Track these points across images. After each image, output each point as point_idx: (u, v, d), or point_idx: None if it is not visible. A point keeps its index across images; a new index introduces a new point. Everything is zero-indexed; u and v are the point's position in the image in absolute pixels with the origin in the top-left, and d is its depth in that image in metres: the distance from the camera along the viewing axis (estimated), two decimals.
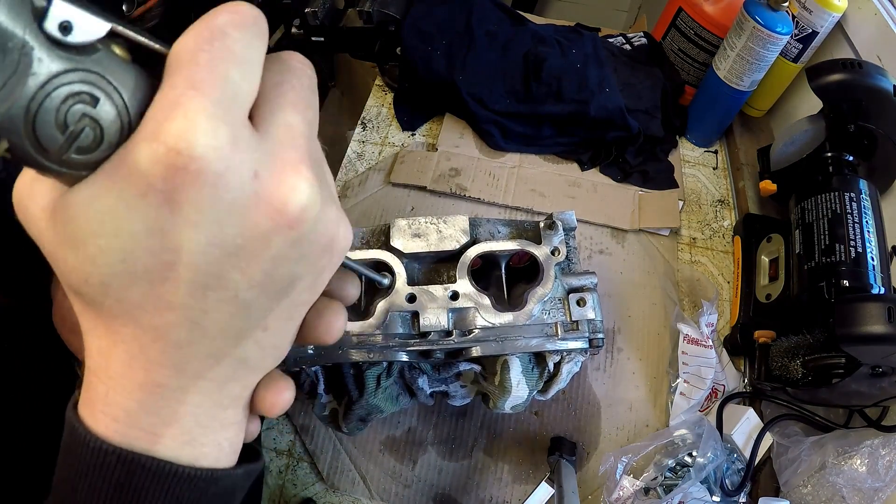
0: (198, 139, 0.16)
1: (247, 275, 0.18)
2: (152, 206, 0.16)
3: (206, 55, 0.17)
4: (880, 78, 0.59)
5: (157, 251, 0.17)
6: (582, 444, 0.59)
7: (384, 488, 0.57)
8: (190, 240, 0.17)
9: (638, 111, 0.79)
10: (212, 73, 0.16)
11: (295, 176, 0.18)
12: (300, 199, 0.18)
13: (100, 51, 0.17)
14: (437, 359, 0.49)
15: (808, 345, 0.54)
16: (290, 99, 0.19)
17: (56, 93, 0.16)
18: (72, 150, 0.17)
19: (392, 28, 0.82)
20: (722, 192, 0.80)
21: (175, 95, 0.16)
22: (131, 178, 0.16)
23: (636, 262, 0.72)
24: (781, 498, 0.54)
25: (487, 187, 0.76)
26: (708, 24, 0.77)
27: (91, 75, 0.16)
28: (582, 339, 0.48)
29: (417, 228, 0.50)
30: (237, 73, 0.17)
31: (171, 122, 0.16)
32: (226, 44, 0.17)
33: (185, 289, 0.18)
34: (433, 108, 0.84)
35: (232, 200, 0.17)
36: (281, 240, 0.18)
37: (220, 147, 0.16)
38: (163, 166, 0.16)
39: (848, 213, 0.56)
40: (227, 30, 0.17)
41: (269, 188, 0.17)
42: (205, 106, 0.16)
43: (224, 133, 0.16)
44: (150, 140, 0.16)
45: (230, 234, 0.17)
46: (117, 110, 0.17)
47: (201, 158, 0.16)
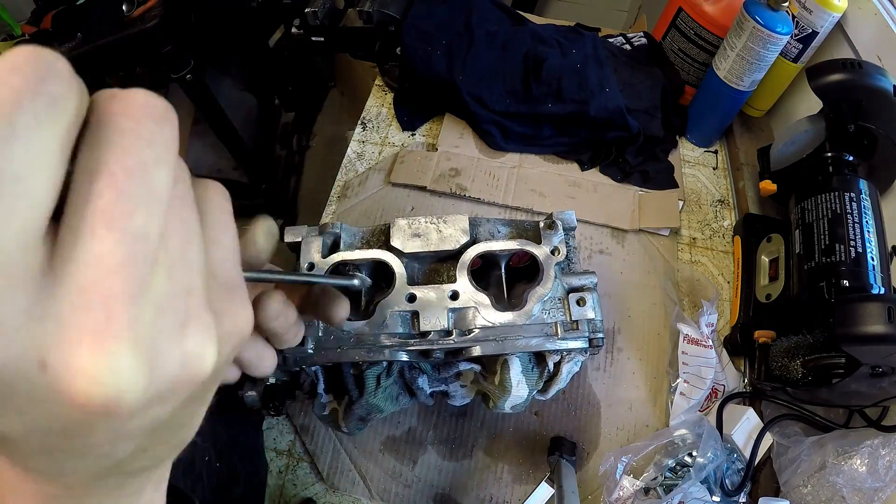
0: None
1: (92, 450, 0.15)
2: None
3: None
4: (880, 78, 0.59)
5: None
6: (582, 444, 0.59)
7: (384, 488, 0.57)
8: (12, 430, 0.14)
9: (638, 111, 0.79)
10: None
11: (95, 357, 0.13)
12: (103, 391, 0.13)
13: None
14: (437, 358, 0.49)
15: (808, 345, 0.54)
16: (107, 204, 0.13)
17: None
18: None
19: (392, 28, 0.82)
20: (722, 192, 0.80)
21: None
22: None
23: (636, 262, 0.72)
24: (781, 498, 0.54)
25: (487, 187, 0.76)
26: (708, 24, 0.77)
27: None
28: (582, 339, 0.48)
29: (417, 228, 0.50)
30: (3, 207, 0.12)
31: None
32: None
33: (38, 456, 0.15)
34: (433, 108, 0.84)
35: (27, 396, 0.13)
36: (108, 426, 0.14)
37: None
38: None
39: (848, 213, 0.56)
40: None
41: (61, 381, 0.13)
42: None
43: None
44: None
45: (46, 423, 0.14)
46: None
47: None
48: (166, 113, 0.14)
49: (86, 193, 0.13)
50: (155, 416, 0.15)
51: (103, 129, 0.13)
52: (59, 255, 0.13)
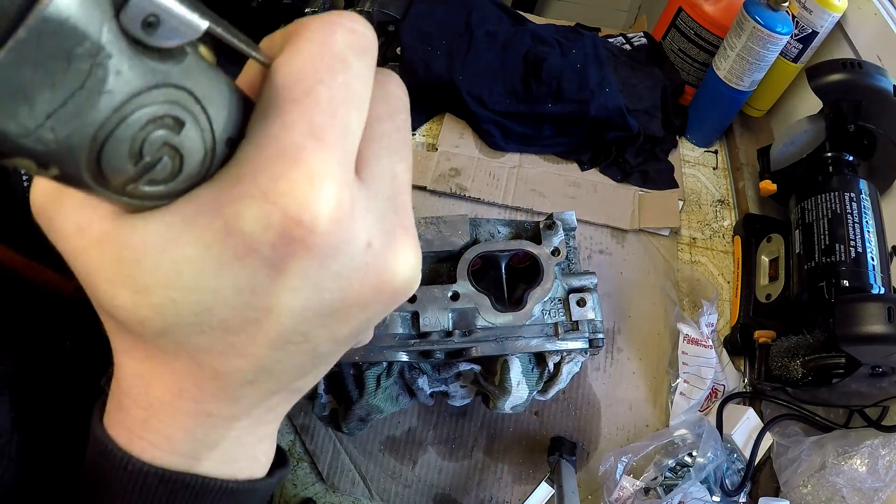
0: (323, 210, 0.14)
1: (333, 332, 0.17)
2: (249, 268, 0.14)
3: (326, 92, 0.14)
4: (880, 78, 0.59)
5: (242, 309, 0.15)
6: (582, 444, 0.59)
7: (384, 488, 0.57)
8: (285, 304, 0.15)
9: (638, 111, 0.79)
10: (334, 118, 0.14)
11: (405, 247, 0.17)
12: (407, 272, 0.17)
13: (188, 56, 0.13)
14: (437, 359, 0.49)
15: (808, 345, 0.54)
16: (395, 142, 0.17)
17: (134, 117, 0.12)
18: (141, 182, 0.13)
19: (392, 28, 0.82)
20: (722, 192, 0.80)
21: (293, 143, 0.13)
22: (229, 237, 0.14)
23: (636, 262, 0.72)
24: (781, 498, 0.54)
25: (487, 187, 0.76)
26: (708, 24, 0.77)
27: (178, 92, 0.13)
28: (582, 340, 0.48)
29: (417, 228, 0.50)
30: (356, 118, 0.15)
31: (290, 183, 0.13)
32: (348, 79, 0.14)
33: (265, 343, 0.16)
34: (433, 108, 0.84)
35: (340, 269, 0.15)
36: (378, 306, 0.17)
37: (343, 218, 0.14)
38: (276, 234, 0.14)
39: (848, 213, 0.56)
40: (348, 58, 0.15)
41: (380, 260, 0.16)
42: (331, 166, 0.14)
43: (348, 201, 0.14)
44: (261, 200, 0.13)
45: (329, 299, 0.16)
46: (203, 137, 0.14)
47: (324, 233, 0.14)
48: (406, 93, 0.19)
49: (380, 130, 0.17)
50: (382, 314, 0.18)
51: (385, 90, 0.17)
52: (368, 170, 0.16)
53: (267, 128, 0.14)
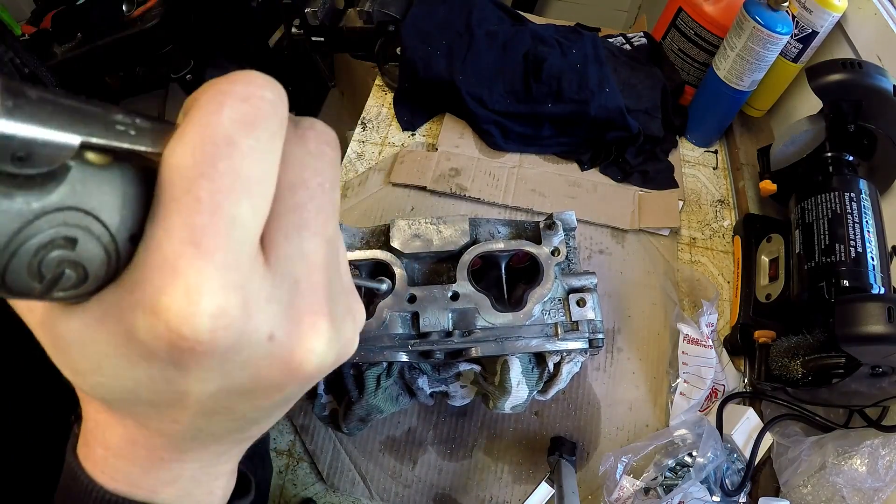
0: (202, 321, 0.13)
1: (255, 406, 0.18)
2: (156, 366, 0.15)
3: (207, 186, 0.13)
4: (880, 78, 0.59)
5: (161, 393, 0.16)
6: (582, 444, 0.59)
7: (384, 488, 0.57)
8: (198, 390, 0.16)
9: (638, 111, 0.79)
10: (215, 217, 0.13)
11: (312, 335, 0.16)
12: (315, 360, 0.17)
13: (70, 170, 0.13)
14: (437, 359, 0.49)
15: (808, 345, 0.54)
16: (309, 215, 0.16)
17: (22, 250, 0.12)
18: (52, 293, 0.14)
19: (392, 28, 0.82)
20: (722, 192, 0.80)
21: (172, 253, 0.13)
22: (131, 341, 0.14)
23: (636, 262, 0.72)
24: (781, 498, 0.54)
25: (487, 187, 0.76)
26: (708, 24, 0.77)
27: (63, 214, 0.13)
28: (582, 340, 0.48)
29: (417, 229, 0.50)
30: (248, 204, 0.14)
31: (169, 297, 0.13)
32: (233, 164, 0.14)
33: (191, 415, 0.17)
34: (433, 108, 0.84)
35: (244, 360, 0.16)
36: (294, 386, 0.18)
37: (230, 323, 0.14)
38: (165, 343, 0.14)
39: (848, 213, 0.56)
40: (235, 137, 0.14)
41: (285, 350, 0.16)
42: (208, 275, 0.13)
43: (234, 304, 0.14)
44: (147, 313, 0.14)
45: (240, 383, 0.16)
46: (100, 243, 0.14)
47: (209, 340, 0.14)
48: (335, 141, 0.18)
49: (291, 203, 0.16)
50: (305, 388, 0.18)
51: (304, 145, 0.16)
52: (274, 252, 0.15)
53: (153, 232, 0.14)
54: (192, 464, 0.20)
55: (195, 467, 0.20)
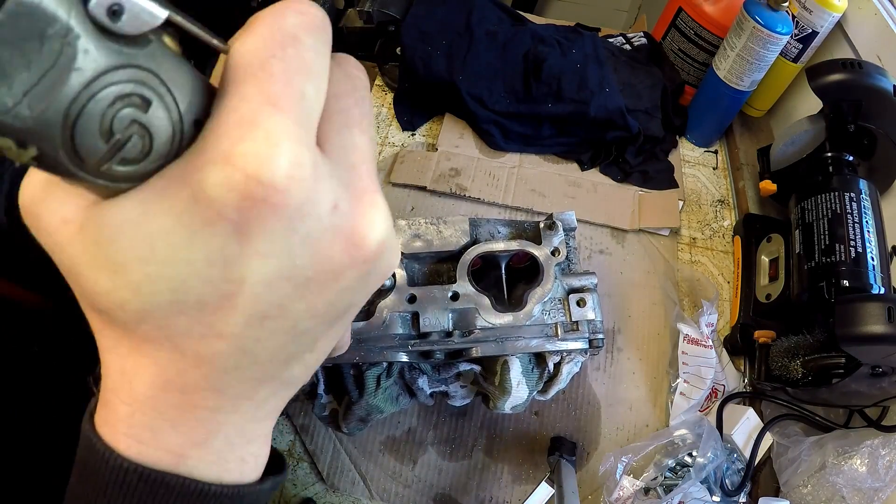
0: (281, 167, 0.14)
1: (311, 306, 0.17)
2: (219, 235, 0.14)
3: (279, 64, 0.15)
4: (880, 78, 0.59)
5: (216, 281, 0.15)
6: (582, 444, 0.59)
7: (384, 488, 0.57)
8: (256, 272, 0.15)
9: (638, 111, 0.79)
10: (288, 86, 0.15)
11: (373, 209, 0.17)
12: (378, 234, 0.17)
13: (152, 43, 0.14)
14: (437, 359, 0.49)
15: (808, 345, 0.54)
16: (355, 116, 0.18)
17: (103, 94, 0.13)
18: (114, 161, 0.14)
19: (392, 28, 0.82)
20: (722, 192, 0.80)
21: (250, 110, 0.14)
22: (197, 203, 0.14)
23: (636, 262, 0.72)
24: (781, 498, 0.54)
25: (487, 187, 0.76)
26: (708, 24, 0.77)
27: (143, 73, 0.14)
28: (582, 340, 0.48)
29: (417, 229, 0.50)
30: (311, 87, 0.15)
31: (249, 145, 0.14)
32: (299, 51, 0.15)
33: (242, 319, 0.16)
34: (433, 108, 0.84)
35: (308, 233, 0.15)
36: (353, 273, 0.17)
37: (304, 177, 0.14)
38: (238, 195, 0.14)
39: (848, 213, 0.56)
40: (298, 34, 0.15)
41: (349, 221, 0.16)
42: (287, 127, 0.14)
43: (307, 160, 0.15)
44: (222, 163, 0.14)
45: (301, 266, 0.16)
46: (170, 117, 0.15)
47: (284, 190, 0.14)
48: (366, 75, 0.19)
49: (338, 107, 0.17)
50: (360, 286, 0.18)
51: (344, 70, 0.18)
52: (328, 143, 0.17)
53: (227, 102, 0.14)
54: (227, 415, 0.18)
55: (230, 421, 0.19)
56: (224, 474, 0.19)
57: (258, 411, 0.19)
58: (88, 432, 0.18)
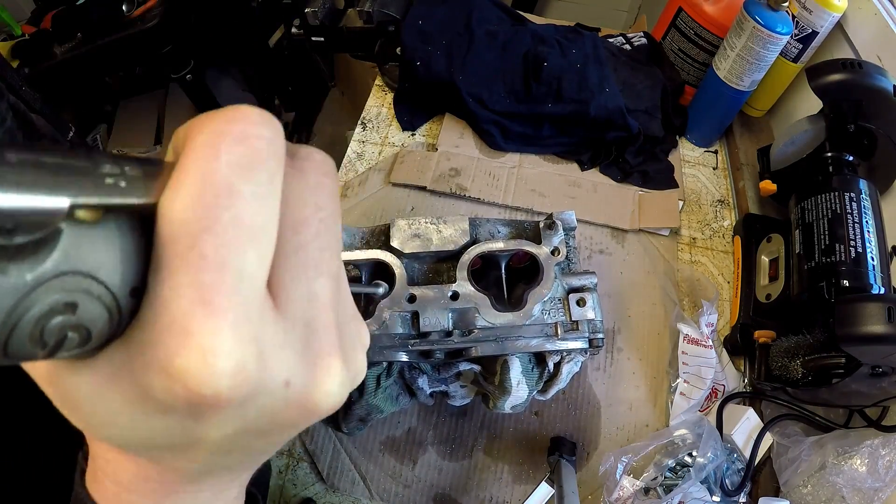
0: (222, 380, 0.13)
1: (269, 442, 0.19)
2: (172, 418, 0.15)
3: (212, 241, 0.13)
4: (880, 78, 0.59)
5: (178, 438, 0.16)
6: (582, 444, 0.59)
7: (384, 488, 0.57)
8: (214, 435, 0.16)
9: (638, 111, 0.79)
10: (223, 272, 0.13)
11: (327, 376, 0.16)
12: (331, 400, 0.17)
13: (62, 232, 0.12)
14: (437, 359, 0.49)
15: (808, 345, 0.54)
16: (314, 253, 0.16)
17: (22, 322, 0.12)
18: (58, 354, 0.13)
19: (392, 28, 0.82)
20: (722, 192, 0.80)
21: (181, 314, 0.13)
22: (145, 399, 0.14)
23: (636, 262, 0.72)
24: (781, 498, 0.54)
25: (487, 187, 0.76)
26: (708, 24, 0.77)
27: (61, 280, 0.12)
28: (582, 340, 0.48)
29: (417, 229, 0.50)
30: (254, 256, 0.14)
31: (184, 360, 0.13)
32: (236, 213, 0.13)
33: (207, 454, 0.17)
34: (433, 108, 0.84)
35: (261, 406, 0.16)
36: (309, 422, 0.18)
37: (248, 377, 0.14)
38: (184, 403, 0.14)
39: (848, 213, 0.56)
40: (234, 185, 0.13)
41: (301, 394, 0.16)
42: (223, 335, 0.13)
43: (250, 358, 0.14)
44: (162, 375, 0.13)
45: (256, 426, 0.17)
46: (103, 304, 0.13)
47: (228, 395, 0.14)
48: (332, 170, 0.17)
49: (295, 243, 0.15)
50: (313, 423, 0.18)
51: (304, 178, 0.16)
52: (282, 294, 0.15)
53: (159, 290, 0.13)
54: (205, 493, 0.20)
55: (207, 496, 0.20)
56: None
57: (232, 484, 0.21)
58: (82, 495, 0.20)
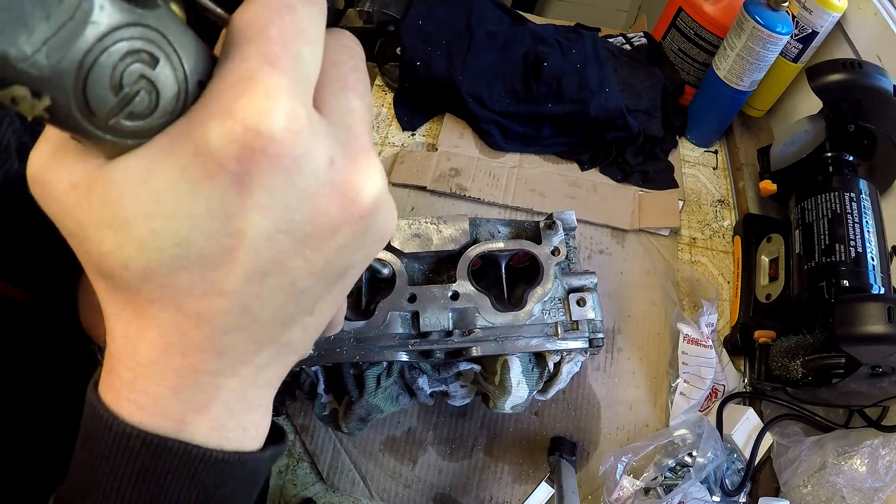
0: (278, 120, 0.15)
1: (309, 263, 0.18)
2: (220, 187, 0.15)
3: (277, 29, 0.16)
4: (880, 78, 0.59)
5: (217, 235, 0.16)
6: (582, 444, 0.59)
7: (384, 488, 0.57)
8: (257, 225, 0.16)
9: (638, 111, 0.79)
10: (286, 49, 0.15)
11: (368, 166, 0.18)
12: (373, 189, 0.18)
13: (160, 7, 0.15)
14: (437, 359, 0.49)
15: (808, 345, 0.54)
16: (351, 81, 0.18)
17: (115, 48, 0.14)
18: (122, 115, 0.15)
19: (392, 28, 0.82)
20: (722, 192, 0.80)
21: (249, 69, 0.15)
22: (199, 156, 0.15)
23: (636, 262, 0.72)
24: (781, 498, 0.54)
25: (487, 187, 0.76)
26: (708, 24, 0.77)
27: (152, 32, 0.15)
28: (582, 339, 0.48)
29: (417, 228, 0.50)
30: (308, 51, 0.16)
31: (248, 99, 0.15)
32: (295, 18, 0.16)
33: (242, 275, 0.17)
34: (433, 108, 0.84)
35: (306, 187, 0.16)
36: (349, 230, 0.18)
37: (300, 130, 0.15)
38: (238, 146, 0.15)
39: (848, 213, 0.56)
40: (294, 4, 0.16)
41: (345, 177, 0.17)
42: (284, 84, 0.15)
43: (303, 115, 0.16)
44: (223, 117, 0.15)
45: (299, 221, 0.16)
46: (176, 75, 0.15)
47: (281, 141, 0.15)
48: (361, 47, 0.20)
49: (335, 73, 0.18)
50: (358, 245, 0.19)
51: (340, 40, 0.19)
52: (325, 106, 0.17)
53: (228, 63, 0.15)
54: (227, 380, 0.19)
55: (230, 386, 0.19)
56: (225, 442, 0.20)
57: (258, 377, 0.20)
58: (92, 399, 0.19)
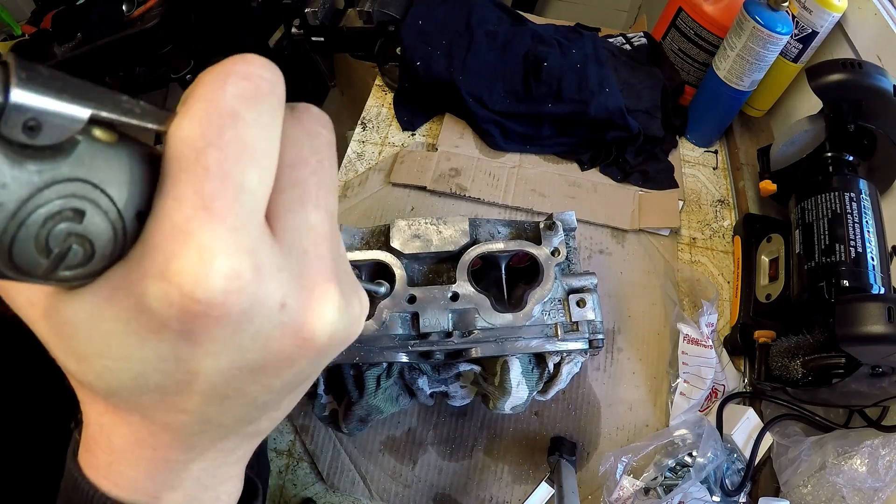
0: (216, 283, 0.14)
1: (266, 386, 0.18)
2: (167, 340, 0.15)
3: (215, 154, 0.14)
4: (880, 78, 0.59)
5: (171, 373, 0.16)
6: (582, 444, 0.59)
7: (384, 488, 0.57)
8: (208, 366, 0.16)
9: (638, 111, 0.79)
10: (225, 182, 0.14)
11: (323, 301, 0.17)
12: (329, 327, 0.17)
13: (79, 144, 0.13)
14: (436, 360, 0.49)
15: (808, 345, 0.54)
16: (311, 189, 0.16)
17: (31, 219, 0.13)
18: (59, 269, 0.14)
19: (392, 28, 0.82)
20: (722, 192, 0.80)
21: (183, 219, 0.13)
22: (141, 314, 0.14)
23: (636, 262, 0.72)
24: (781, 498, 0.54)
25: (487, 187, 0.76)
26: (708, 24, 0.77)
27: (71, 185, 0.13)
28: (582, 340, 0.48)
29: (417, 229, 0.50)
30: (254, 175, 0.14)
31: (182, 260, 0.13)
32: (239, 133, 0.14)
33: (201, 400, 0.17)
34: (433, 108, 0.84)
35: (257, 331, 0.15)
36: (305, 361, 0.17)
37: (243, 287, 0.14)
38: (178, 310, 0.14)
39: (848, 213, 0.56)
40: (239, 111, 0.14)
41: (297, 319, 0.16)
42: (221, 236, 0.14)
43: (247, 267, 0.14)
44: (158, 279, 0.14)
45: (252, 358, 0.16)
46: (108, 218, 0.14)
47: (222, 303, 0.14)
48: (329, 126, 0.18)
49: (293, 178, 0.16)
50: (316, 367, 0.18)
51: (302, 126, 0.17)
52: (280, 225, 0.16)
53: (162, 202, 0.14)
54: (199, 464, 0.19)
55: (201, 468, 0.20)
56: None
57: (228, 458, 0.21)
58: (73, 469, 0.20)
